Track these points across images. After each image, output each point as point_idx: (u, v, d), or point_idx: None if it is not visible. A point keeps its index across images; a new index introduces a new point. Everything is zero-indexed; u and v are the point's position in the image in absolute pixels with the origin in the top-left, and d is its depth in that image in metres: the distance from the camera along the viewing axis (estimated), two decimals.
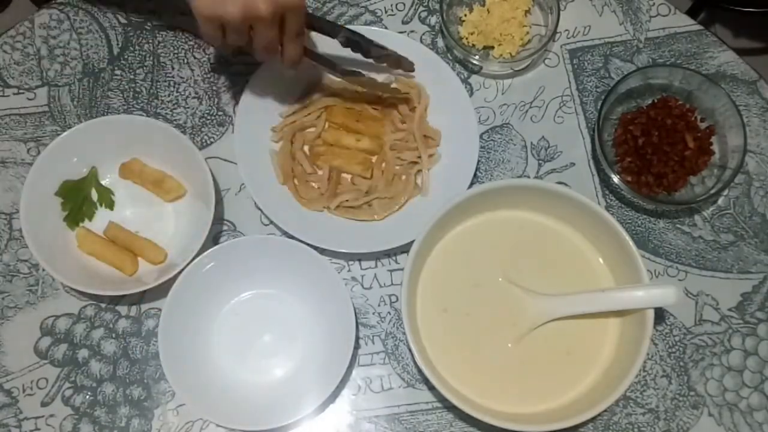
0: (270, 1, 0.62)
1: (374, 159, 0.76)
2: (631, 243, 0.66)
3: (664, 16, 0.82)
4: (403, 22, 0.82)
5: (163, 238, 0.74)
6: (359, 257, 0.75)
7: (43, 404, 0.71)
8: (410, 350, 0.66)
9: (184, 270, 0.68)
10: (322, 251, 0.70)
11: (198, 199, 0.71)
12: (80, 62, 0.80)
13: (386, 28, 0.81)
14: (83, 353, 0.72)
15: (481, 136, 0.77)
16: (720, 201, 0.76)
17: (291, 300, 0.72)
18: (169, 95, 0.79)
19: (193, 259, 0.68)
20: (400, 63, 0.75)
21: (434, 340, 0.68)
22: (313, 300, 0.71)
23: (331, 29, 0.72)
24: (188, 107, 0.79)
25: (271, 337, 0.72)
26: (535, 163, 0.77)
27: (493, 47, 0.80)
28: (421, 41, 0.80)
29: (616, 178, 0.73)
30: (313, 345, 0.70)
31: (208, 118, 0.78)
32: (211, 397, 0.68)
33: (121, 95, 0.79)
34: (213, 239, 0.75)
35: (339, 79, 0.78)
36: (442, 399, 0.70)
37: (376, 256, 0.75)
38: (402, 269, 0.69)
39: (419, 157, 0.75)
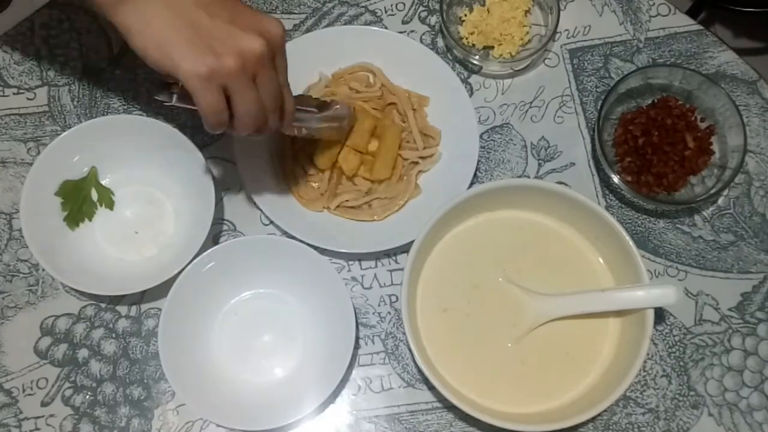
0: (257, 34, 0.54)
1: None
2: (631, 243, 0.66)
3: (664, 16, 0.82)
4: (403, 22, 0.82)
5: (163, 238, 0.74)
6: (359, 257, 0.75)
7: (43, 404, 0.71)
8: (410, 350, 0.66)
9: (184, 270, 0.68)
10: (322, 251, 0.70)
11: (198, 199, 0.71)
12: (80, 62, 0.80)
13: (386, 28, 0.81)
14: (83, 353, 0.72)
15: (481, 136, 0.77)
16: (720, 201, 0.76)
17: (291, 300, 0.72)
18: None
19: (193, 259, 0.68)
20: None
21: (434, 340, 0.68)
22: (313, 300, 0.71)
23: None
24: None
25: (271, 337, 0.72)
26: (535, 163, 0.77)
27: (493, 47, 0.80)
28: (421, 41, 0.80)
29: (616, 178, 0.73)
30: (313, 345, 0.70)
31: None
32: (211, 397, 0.67)
33: (121, 95, 0.79)
34: (213, 239, 0.75)
35: (339, 79, 0.78)
36: (442, 399, 0.70)
37: (376, 256, 0.75)
38: (402, 269, 0.69)
39: (420, 157, 0.75)
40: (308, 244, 0.69)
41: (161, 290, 0.69)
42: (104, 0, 0.54)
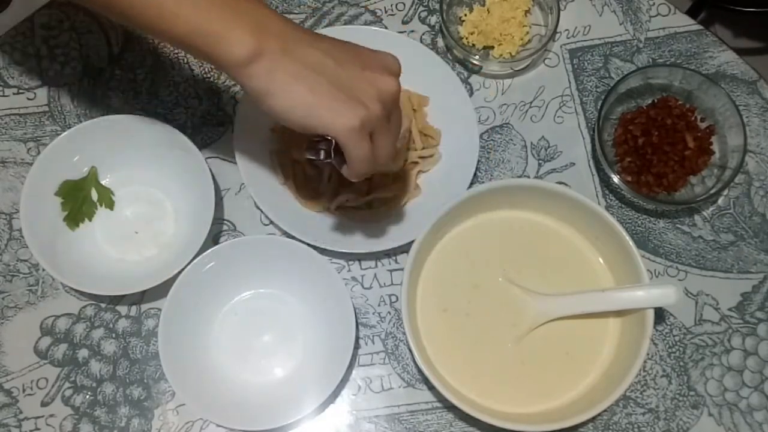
0: (388, 73, 0.56)
1: None
2: (631, 243, 0.66)
3: (664, 16, 0.82)
4: (403, 22, 0.82)
5: (163, 238, 0.74)
6: (359, 257, 0.75)
7: (43, 404, 0.71)
8: (410, 350, 0.66)
9: (184, 270, 0.68)
10: (322, 251, 0.70)
11: (198, 199, 0.71)
12: (80, 62, 0.80)
13: (386, 28, 0.81)
14: (83, 353, 0.72)
15: (481, 136, 0.77)
16: (720, 201, 0.76)
17: (291, 300, 0.72)
18: (169, 95, 0.79)
19: (193, 259, 0.68)
20: None
21: (434, 340, 0.68)
22: (313, 300, 0.71)
23: None
24: (188, 107, 0.79)
25: (271, 337, 0.72)
26: (535, 163, 0.77)
27: (493, 47, 0.80)
28: (421, 41, 0.80)
29: (616, 178, 0.73)
30: (313, 345, 0.70)
31: (208, 118, 0.78)
32: (211, 397, 0.67)
33: (121, 95, 0.79)
34: (213, 239, 0.75)
35: None
36: (442, 399, 0.70)
37: (376, 256, 0.75)
38: (402, 269, 0.69)
39: (420, 157, 0.75)
40: (308, 244, 0.69)
41: (161, 290, 0.69)
42: (231, 62, 0.53)
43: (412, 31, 0.81)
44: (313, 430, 0.70)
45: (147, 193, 0.75)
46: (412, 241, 0.66)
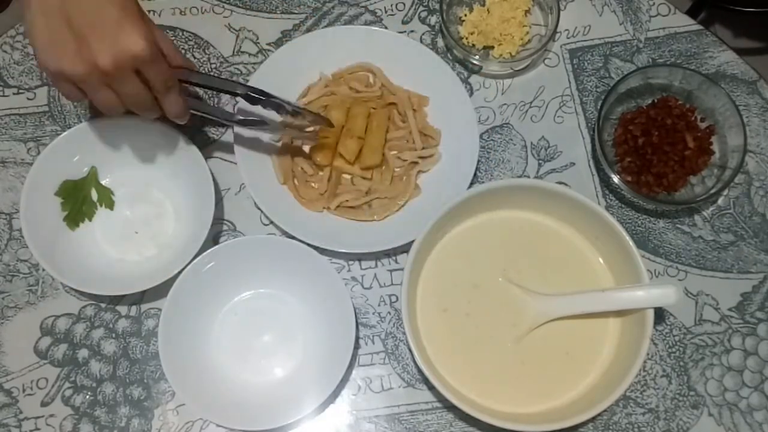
0: (110, 54, 0.57)
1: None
2: (631, 243, 0.66)
3: (664, 16, 0.82)
4: (403, 22, 0.82)
5: (163, 238, 0.74)
6: (359, 257, 0.75)
7: (43, 404, 0.71)
8: (410, 350, 0.66)
9: (184, 270, 0.68)
10: (322, 251, 0.70)
11: (198, 199, 0.71)
12: None
13: (386, 28, 0.81)
14: (83, 353, 0.72)
15: (481, 136, 0.77)
16: (720, 201, 0.76)
17: (291, 300, 0.72)
18: None
19: (193, 259, 0.68)
20: (316, 119, 0.71)
21: (434, 340, 0.68)
22: (313, 300, 0.71)
23: (231, 87, 0.68)
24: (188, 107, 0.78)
25: (271, 337, 0.72)
26: (535, 163, 0.77)
27: (493, 47, 0.80)
28: (421, 41, 0.80)
29: (616, 178, 0.73)
30: (313, 345, 0.70)
31: (209, 118, 0.78)
32: (211, 397, 0.68)
33: None
34: (213, 239, 0.75)
35: (339, 79, 0.78)
36: (442, 399, 0.70)
37: (376, 256, 0.75)
38: (402, 269, 0.69)
39: (420, 157, 0.75)
40: (308, 244, 0.69)
41: (161, 290, 0.69)
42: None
43: (412, 31, 0.81)
44: (313, 430, 0.70)
45: (147, 193, 0.75)
46: (412, 241, 0.66)
